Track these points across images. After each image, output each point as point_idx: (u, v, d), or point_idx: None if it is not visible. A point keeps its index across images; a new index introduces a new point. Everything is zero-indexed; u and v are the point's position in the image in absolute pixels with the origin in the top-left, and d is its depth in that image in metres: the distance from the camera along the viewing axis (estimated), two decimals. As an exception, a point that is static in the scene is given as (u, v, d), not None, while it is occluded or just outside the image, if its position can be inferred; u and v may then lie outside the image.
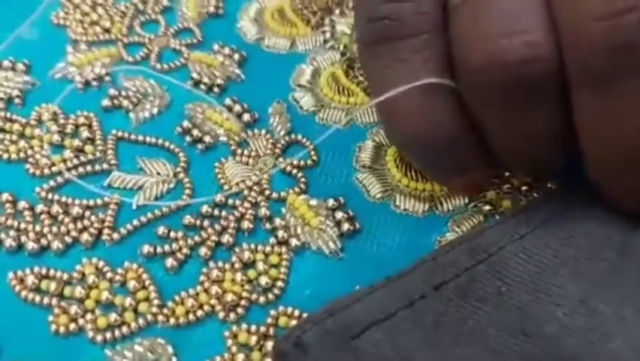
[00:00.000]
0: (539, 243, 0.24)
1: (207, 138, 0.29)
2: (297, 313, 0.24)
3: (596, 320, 0.22)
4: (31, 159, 0.27)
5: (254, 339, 0.23)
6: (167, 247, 0.25)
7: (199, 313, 0.24)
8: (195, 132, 0.29)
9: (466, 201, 0.28)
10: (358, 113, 0.31)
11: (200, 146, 0.29)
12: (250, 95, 0.31)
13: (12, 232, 0.25)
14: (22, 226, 0.25)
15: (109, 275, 0.24)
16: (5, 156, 0.27)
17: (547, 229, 0.25)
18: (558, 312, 0.23)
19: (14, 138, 0.28)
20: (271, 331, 0.24)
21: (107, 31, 0.33)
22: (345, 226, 0.26)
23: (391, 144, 0.29)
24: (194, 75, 0.31)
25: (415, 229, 0.27)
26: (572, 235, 0.25)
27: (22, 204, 0.26)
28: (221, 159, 0.28)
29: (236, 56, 0.32)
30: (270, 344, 0.23)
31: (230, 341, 0.23)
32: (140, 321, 0.24)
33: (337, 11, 0.35)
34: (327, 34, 0.34)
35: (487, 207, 0.28)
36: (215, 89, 0.31)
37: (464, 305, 0.23)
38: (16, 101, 0.29)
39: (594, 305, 0.23)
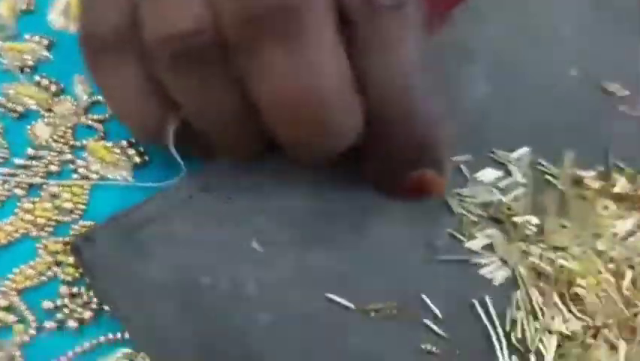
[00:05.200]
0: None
1: (20, 108, 0.35)
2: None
3: None
4: None
5: (60, 246, 0.30)
6: (-14, 193, 0.31)
7: (16, 235, 0.30)
8: (10, 105, 0.35)
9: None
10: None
11: (14, 115, 0.35)
12: (58, 72, 0.37)
13: None
14: None
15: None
16: None
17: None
18: None
19: None
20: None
21: None
22: (137, 159, 0.34)
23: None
24: (6, 61, 0.37)
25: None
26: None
27: None
28: (32, 122, 0.35)
29: (45, 42, 0.38)
30: (72, 248, 0.30)
31: (41, 251, 0.30)
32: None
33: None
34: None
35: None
36: (27, 70, 0.37)
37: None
38: None
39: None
